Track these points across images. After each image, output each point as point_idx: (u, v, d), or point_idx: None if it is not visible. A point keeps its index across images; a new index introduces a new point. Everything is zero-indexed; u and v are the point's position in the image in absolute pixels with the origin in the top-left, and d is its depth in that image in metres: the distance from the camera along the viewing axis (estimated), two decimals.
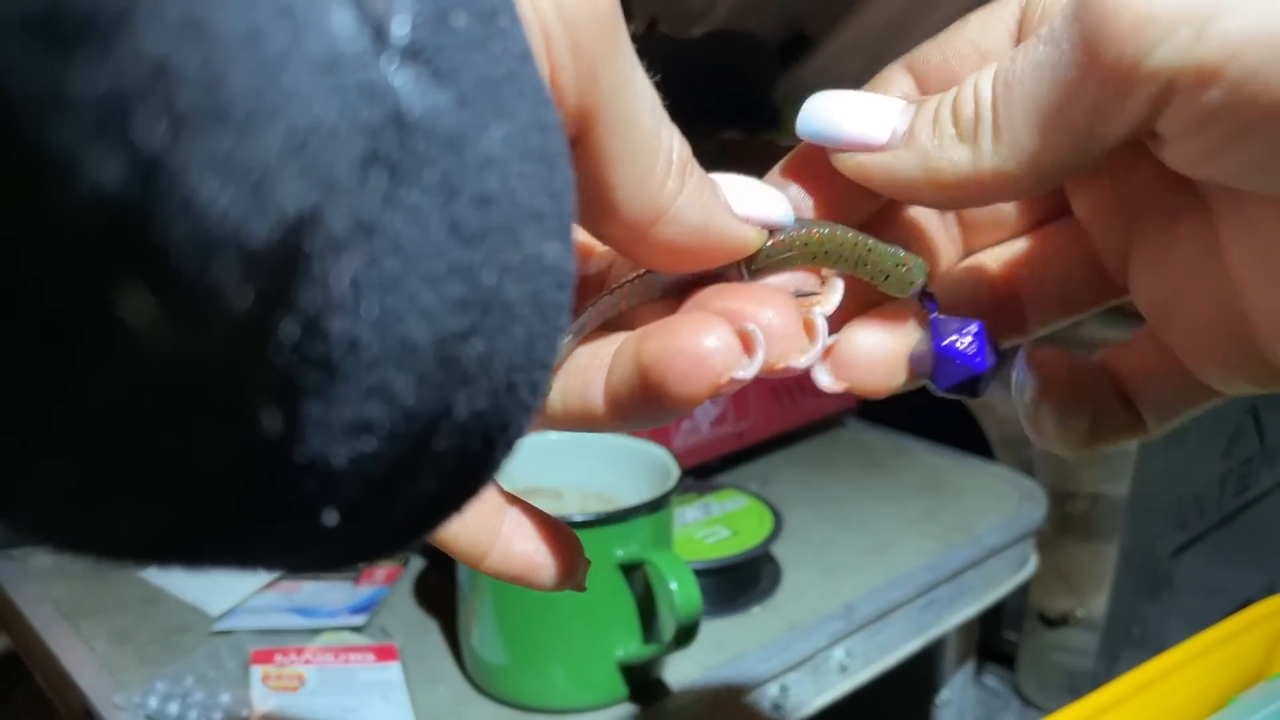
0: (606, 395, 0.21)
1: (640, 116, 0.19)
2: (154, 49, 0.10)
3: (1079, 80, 0.19)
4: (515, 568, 0.23)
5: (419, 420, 0.14)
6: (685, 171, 0.20)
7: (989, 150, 0.21)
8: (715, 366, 0.19)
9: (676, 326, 0.20)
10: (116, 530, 0.13)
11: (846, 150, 0.23)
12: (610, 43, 0.18)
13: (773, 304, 0.21)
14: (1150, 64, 0.18)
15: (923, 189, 0.22)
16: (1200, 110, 0.18)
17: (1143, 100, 0.18)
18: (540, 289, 0.15)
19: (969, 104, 0.21)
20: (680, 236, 0.20)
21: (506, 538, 0.23)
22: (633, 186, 0.19)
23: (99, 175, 0.10)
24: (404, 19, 0.13)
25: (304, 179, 0.11)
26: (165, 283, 0.11)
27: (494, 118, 0.14)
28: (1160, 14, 0.18)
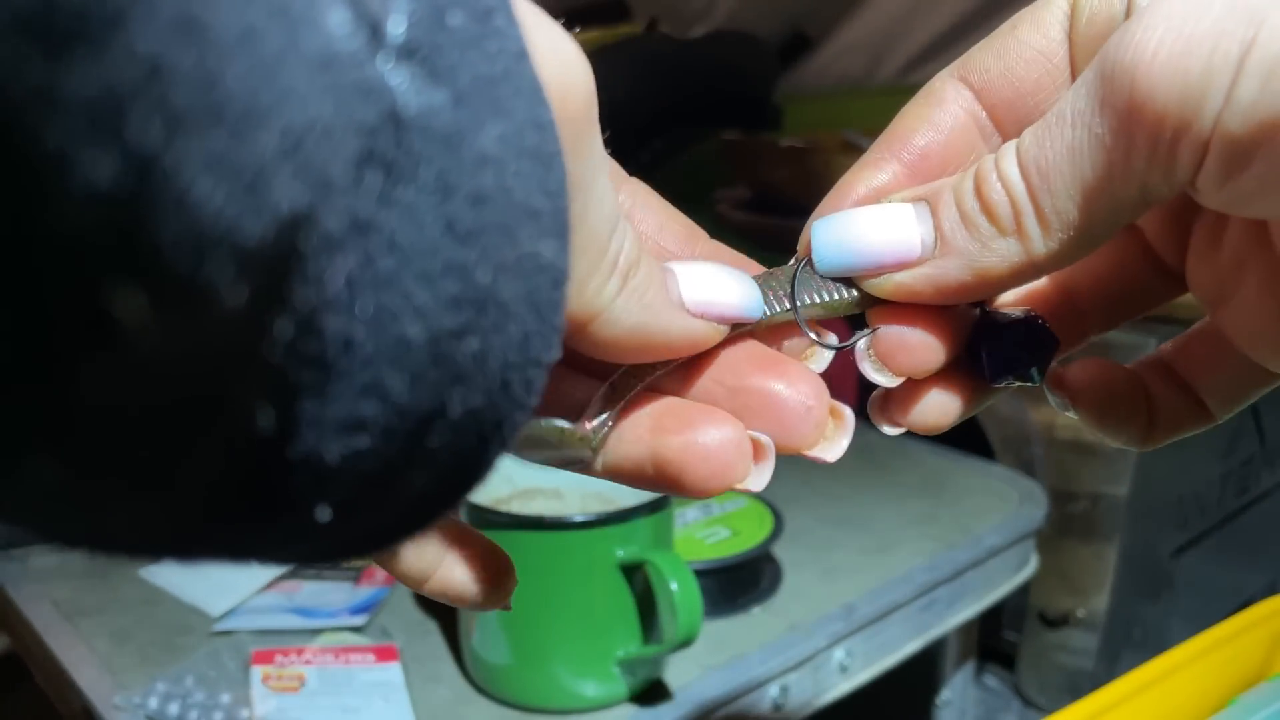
0: (606, 467, 0.22)
1: (591, 218, 0.18)
2: (148, 49, 0.10)
3: (1122, 156, 0.19)
4: (455, 591, 0.24)
5: (413, 418, 0.14)
6: (628, 274, 0.20)
7: (1038, 238, 0.21)
8: (733, 476, 0.20)
9: (695, 423, 0.21)
10: (110, 525, 0.13)
11: (880, 274, 0.22)
12: (574, 148, 0.17)
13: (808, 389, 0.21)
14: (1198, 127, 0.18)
15: (975, 288, 0.22)
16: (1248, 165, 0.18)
17: (1189, 164, 0.19)
18: (536, 287, 0.15)
19: (1000, 196, 0.21)
20: (617, 337, 0.20)
21: (449, 564, 0.24)
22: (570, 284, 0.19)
23: (93, 174, 0.10)
24: (399, 18, 0.13)
25: (299, 178, 0.11)
26: (159, 281, 0.11)
27: (490, 116, 0.14)
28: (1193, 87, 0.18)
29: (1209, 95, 0.18)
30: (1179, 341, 0.26)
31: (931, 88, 0.24)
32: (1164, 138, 0.18)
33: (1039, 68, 0.23)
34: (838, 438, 0.21)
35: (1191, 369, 0.25)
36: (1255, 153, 0.18)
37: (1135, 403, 0.25)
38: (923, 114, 0.24)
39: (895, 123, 0.24)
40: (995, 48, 0.23)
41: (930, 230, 0.22)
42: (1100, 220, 0.20)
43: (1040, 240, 0.21)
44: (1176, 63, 0.18)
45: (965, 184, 0.21)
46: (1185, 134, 0.18)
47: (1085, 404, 0.25)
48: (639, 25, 1.15)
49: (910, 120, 0.24)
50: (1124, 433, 0.26)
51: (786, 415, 0.21)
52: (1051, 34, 0.23)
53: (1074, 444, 0.85)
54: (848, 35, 1.24)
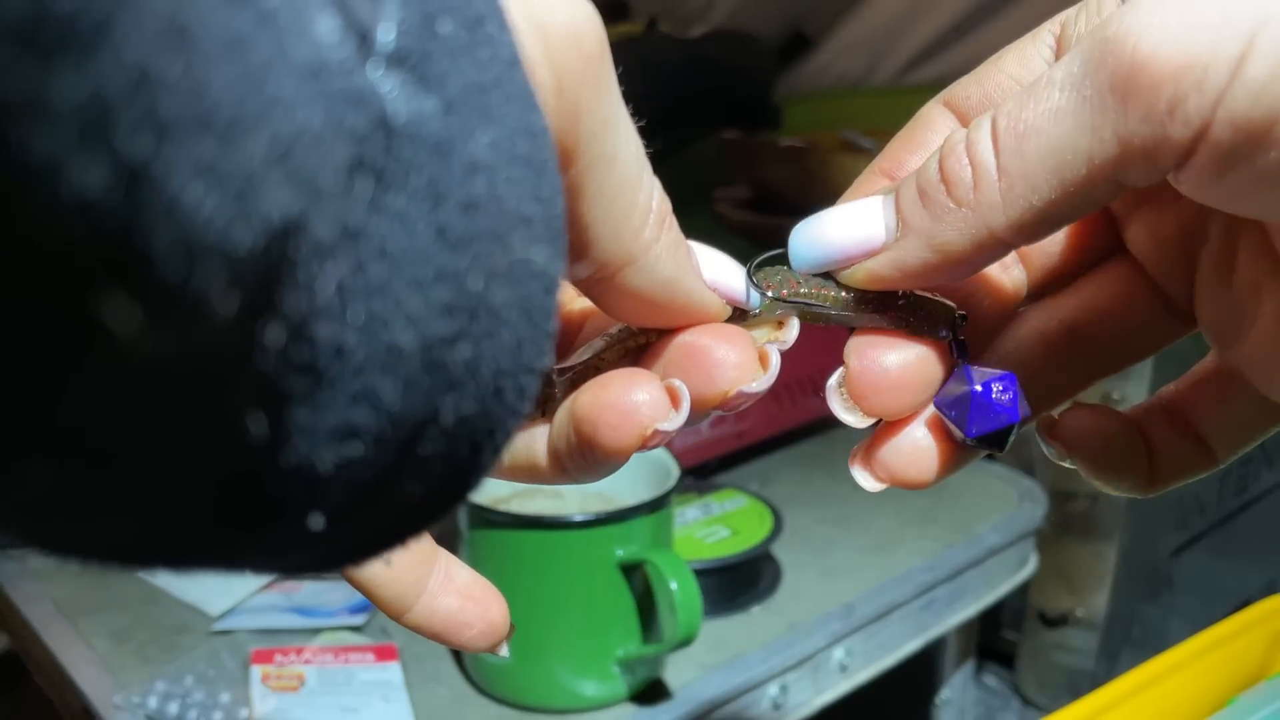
0: (549, 449, 0.22)
1: (622, 159, 0.19)
2: (135, 56, 0.10)
3: (1108, 124, 0.18)
4: (437, 624, 0.23)
5: (405, 425, 0.14)
6: (664, 223, 0.20)
7: (996, 207, 0.20)
8: (641, 419, 0.20)
9: (608, 381, 0.21)
10: (102, 535, 0.13)
11: (850, 265, 0.22)
12: (595, 84, 0.18)
13: (726, 338, 0.21)
14: (1198, 102, 0.18)
15: (939, 268, 0.21)
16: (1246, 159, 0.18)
17: (1181, 143, 0.18)
18: (528, 294, 0.15)
19: (962, 166, 0.20)
20: (648, 287, 0.20)
21: (432, 592, 0.23)
22: (607, 226, 0.19)
23: (82, 182, 0.10)
24: (389, 25, 0.13)
25: (289, 186, 0.11)
26: (149, 289, 0.11)
27: (481, 123, 0.14)
28: (1198, 58, 0.17)
29: (1215, 68, 0.17)
30: (1181, 384, 0.25)
31: (920, 114, 0.24)
32: (1158, 108, 0.18)
33: None
34: (764, 374, 0.21)
35: (1195, 412, 0.25)
36: (1259, 140, 0.18)
37: (1134, 450, 0.25)
38: (913, 137, 0.24)
39: (888, 148, 0.25)
40: (979, 76, 0.24)
41: (894, 216, 0.21)
42: (1069, 195, 0.19)
43: (999, 210, 0.20)
44: (1184, 31, 0.17)
45: (930, 161, 0.21)
46: (1182, 107, 0.18)
47: (1082, 454, 0.25)
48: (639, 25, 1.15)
49: (901, 144, 0.24)
50: (1124, 481, 0.25)
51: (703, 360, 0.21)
52: (1032, 65, 0.23)
53: None
54: (847, 35, 1.24)
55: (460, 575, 0.24)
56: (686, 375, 0.21)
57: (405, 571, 0.23)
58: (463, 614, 0.24)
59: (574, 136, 0.18)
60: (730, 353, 0.21)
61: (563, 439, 0.21)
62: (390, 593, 0.23)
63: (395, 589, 0.23)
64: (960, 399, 0.23)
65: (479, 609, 0.24)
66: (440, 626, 0.23)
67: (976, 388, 0.23)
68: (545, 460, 0.22)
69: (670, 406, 0.20)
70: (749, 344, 0.21)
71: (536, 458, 0.22)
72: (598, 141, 0.18)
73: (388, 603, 0.23)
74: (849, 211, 0.22)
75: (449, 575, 0.24)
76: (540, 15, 0.17)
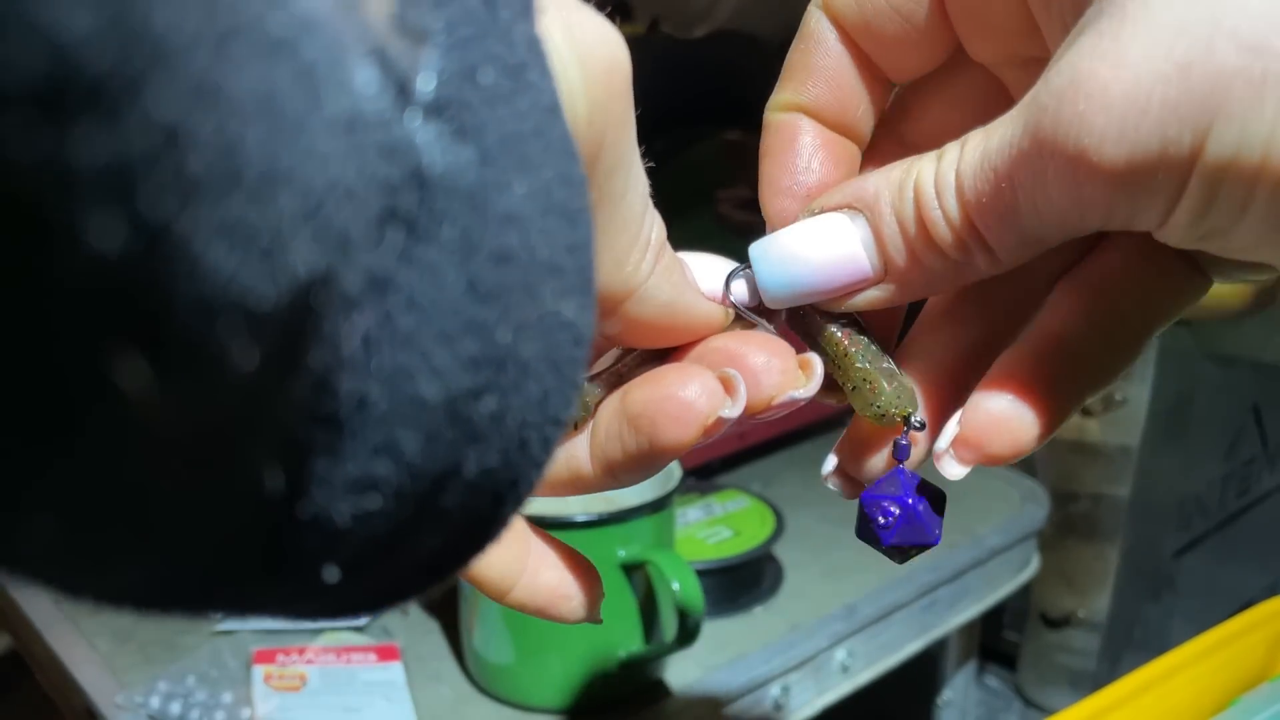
0: (594, 453, 0.21)
1: (630, 198, 0.19)
2: (165, 117, 0.09)
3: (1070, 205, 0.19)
4: (540, 599, 0.23)
5: (426, 478, 0.14)
6: (659, 253, 0.20)
7: (982, 259, 0.21)
8: (702, 408, 0.20)
9: (661, 376, 0.21)
10: (115, 582, 0.13)
11: (833, 297, 0.22)
12: (621, 119, 0.18)
13: (768, 346, 0.22)
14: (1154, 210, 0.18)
15: (928, 294, 0.22)
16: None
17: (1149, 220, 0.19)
18: (556, 345, 0.15)
19: (943, 230, 0.21)
20: (649, 313, 0.21)
21: (533, 569, 0.23)
22: (609, 262, 0.19)
23: (99, 244, 0.10)
24: (429, 75, 0.13)
25: (317, 241, 0.11)
26: (166, 346, 0.10)
27: (517, 173, 0.14)
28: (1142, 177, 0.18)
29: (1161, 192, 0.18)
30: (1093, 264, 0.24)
31: (805, 31, 0.24)
32: (1118, 204, 0.18)
33: (896, 23, 0.23)
34: (809, 382, 0.22)
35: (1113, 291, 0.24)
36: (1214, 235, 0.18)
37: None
38: (810, 62, 0.24)
39: (788, 71, 0.25)
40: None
41: (873, 246, 0.22)
42: (1052, 241, 0.20)
43: (986, 262, 0.21)
44: (1128, 158, 0.18)
45: (906, 210, 0.21)
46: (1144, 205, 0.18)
47: None
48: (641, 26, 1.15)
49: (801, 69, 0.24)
50: None
51: (745, 366, 0.21)
52: None
53: (1075, 445, 0.85)
54: None
55: (557, 549, 0.24)
56: None
57: (506, 549, 0.23)
58: (564, 585, 0.23)
59: (591, 169, 0.17)
60: (774, 359, 0.21)
61: (615, 441, 0.21)
62: (495, 573, 0.23)
63: (499, 569, 0.23)
64: (891, 506, 0.23)
65: (580, 579, 0.23)
66: (545, 600, 0.23)
67: (913, 500, 0.23)
68: (590, 467, 0.22)
69: (726, 394, 0.20)
70: (789, 351, 0.22)
71: (579, 466, 0.22)
72: (613, 177, 0.18)
73: (492, 583, 0.23)
74: (820, 234, 0.22)
75: (545, 551, 0.23)
76: (582, 44, 0.16)
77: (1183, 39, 0.17)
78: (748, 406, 0.21)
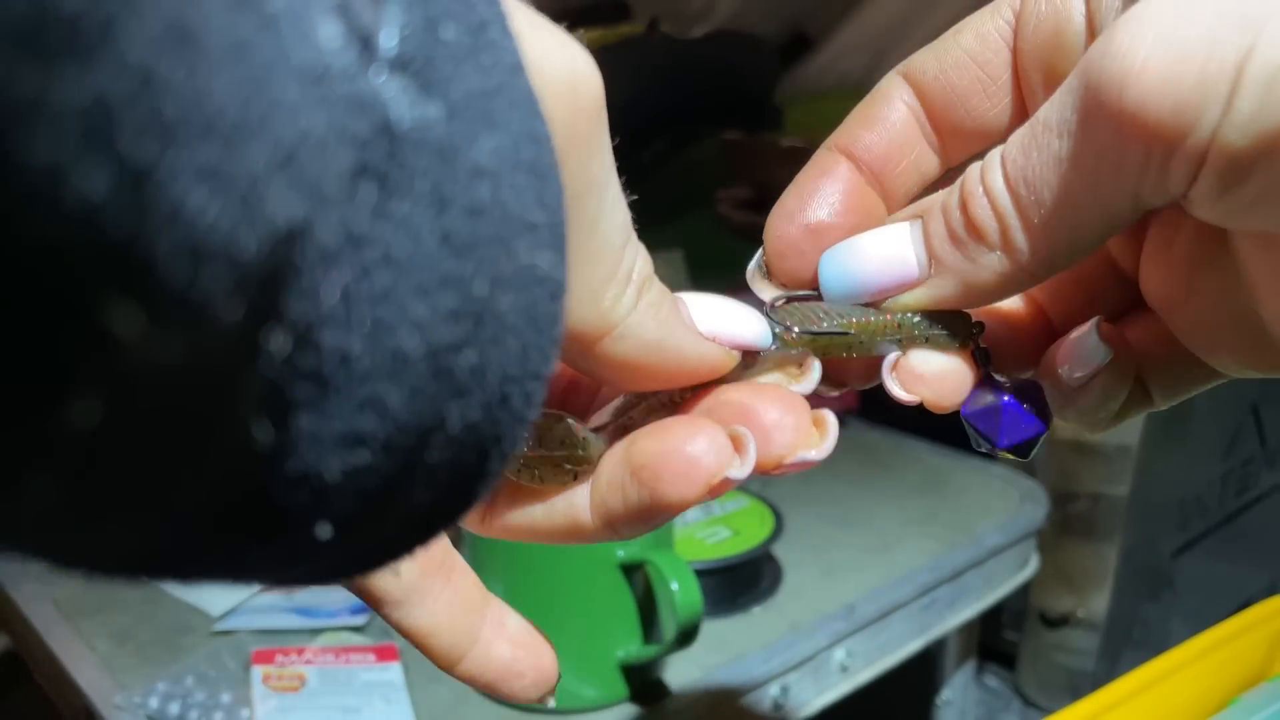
0: (595, 503, 0.21)
1: (604, 226, 0.18)
2: (139, 59, 0.10)
3: (1111, 168, 0.19)
4: (491, 673, 0.23)
5: (412, 432, 0.14)
6: (642, 288, 0.19)
7: (1025, 250, 0.21)
8: (709, 466, 0.19)
9: (669, 428, 0.20)
10: (108, 547, 0.13)
11: (884, 298, 0.23)
12: (587, 139, 0.17)
13: (783, 402, 0.21)
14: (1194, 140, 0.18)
15: (972, 300, 0.22)
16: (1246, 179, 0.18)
17: (1183, 177, 0.18)
18: (534, 299, 0.15)
19: (986, 213, 0.21)
20: (632, 353, 0.20)
21: (486, 641, 0.23)
22: (583, 294, 0.18)
23: (86, 187, 0.10)
24: (392, 30, 0.13)
25: (293, 190, 0.11)
26: (154, 295, 0.11)
27: (484, 129, 0.14)
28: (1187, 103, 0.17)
29: (1206, 108, 0.17)
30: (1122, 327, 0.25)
31: (879, 87, 0.25)
32: (1156, 150, 0.18)
33: (971, 74, 0.23)
34: (822, 442, 0.21)
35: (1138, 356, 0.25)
36: (1255, 165, 0.18)
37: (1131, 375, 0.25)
38: (870, 113, 0.25)
39: (846, 122, 0.25)
40: (937, 49, 0.24)
41: (924, 251, 0.22)
42: (1091, 230, 0.20)
43: (1028, 252, 0.21)
44: (1169, 72, 0.17)
45: (951, 199, 0.21)
46: (1180, 147, 0.18)
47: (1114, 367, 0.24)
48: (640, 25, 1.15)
49: (859, 119, 0.25)
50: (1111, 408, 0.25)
51: (756, 422, 0.20)
52: (990, 42, 0.23)
53: (1075, 444, 0.85)
54: (848, 35, 1.24)
55: (511, 622, 0.23)
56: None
57: (458, 620, 0.22)
58: (516, 663, 0.23)
59: None
60: (786, 416, 0.20)
61: (616, 493, 0.20)
62: (445, 642, 0.22)
63: (450, 638, 0.22)
64: (989, 410, 0.23)
65: (531, 656, 0.23)
66: (494, 676, 0.23)
67: (1005, 399, 0.23)
68: (590, 519, 0.21)
69: (735, 453, 0.20)
70: (804, 408, 0.21)
71: (579, 517, 0.21)
72: (582, 202, 0.18)
73: (441, 653, 0.22)
74: (881, 242, 0.22)
75: (501, 623, 0.23)
76: (538, 60, 0.16)
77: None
78: (758, 465, 0.20)
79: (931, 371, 0.23)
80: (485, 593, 0.23)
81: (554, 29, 0.17)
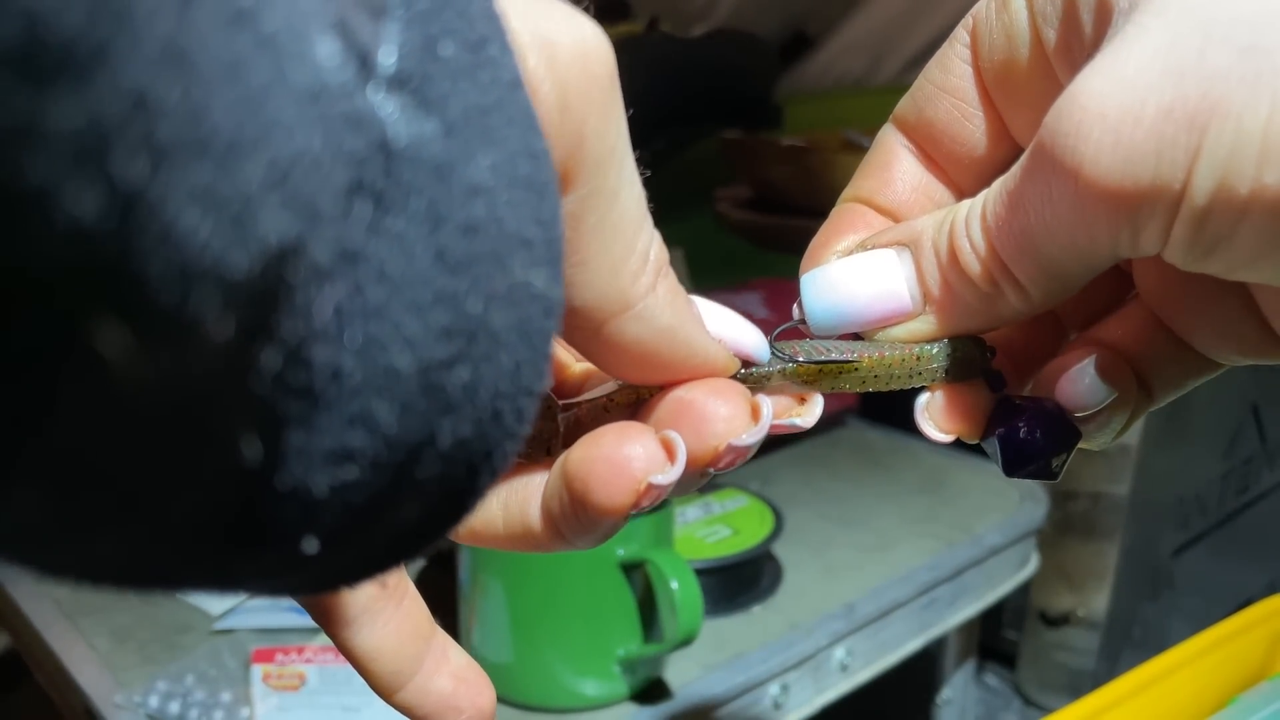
0: (542, 511, 0.21)
1: (625, 197, 0.18)
2: (133, 81, 0.10)
3: (1084, 231, 0.19)
4: (429, 705, 0.23)
5: (402, 449, 0.14)
6: (660, 272, 0.19)
7: (1014, 296, 0.21)
8: (634, 473, 0.19)
9: (600, 436, 0.20)
10: (95, 559, 0.13)
11: (877, 329, 0.23)
12: (602, 108, 0.17)
13: (716, 391, 0.21)
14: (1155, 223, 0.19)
15: (967, 329, 0.23)
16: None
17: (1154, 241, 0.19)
18: (527, 316, 0.15)
19: (972, 262, 0.21)
20: (646, 336, 0.19)
21: (427, 672, 0.23)
22: (604, 265, 0.18)
23: (76, 208, 0.10)
24: (390, 48, 0.13)
25: (286, 209, 0.11)
26: (143, 314, 0.10)
27: (481, 146, 0.14)
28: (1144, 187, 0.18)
29: (1160, 204, 0.18)
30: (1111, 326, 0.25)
31: (877, 140, 0.25)
32: (1120, 223, 0.19)
33: (945, 105, 0.24)
34: (754, 428, 0.21)
35: (1133, 353, 0.25)
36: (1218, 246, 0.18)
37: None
38: (876, 167, 0.25)
39: (856, 178, 0.26)
40: (913, 90, 0.25)
41: (914, 281, 0.23)
42: (1076, 275, 0.21)
43: (1017, 297, 0.21)
44: (1123, 170, 0.18)
45: (941, 241, 0.22)
46: (1144, 223, 0.19)
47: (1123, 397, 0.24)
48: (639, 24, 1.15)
49: (867, 174, 0.25)
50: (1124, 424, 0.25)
51: (692, 414, 0.20)
52: (954, 69, 0.24)
53: None
54: (848, 35, 1.24)
55: (455, 657, 0.23)
56: (677, 430, 0.20)
57: (404, 646, 0.22)
58: (455, 697, 0.23)
59: (576, 160, 0.17)
60: (721, 405, 0.20)
61: (555, 499, 0.20)
62: (388, 668, 0.22)
63: (393, 665, 0.22)
64: (996, 438, 0.23)
65: (471, 693, 0.23)
66: (431, 708, 0.23)
67: (1002, 431, 0.23)
68: (540, 524, 0.21)
69: (665, 459, 0.20)
70: (741, 396, 0.21)
71: (531, 523, 0.21)
72: (601, 171, 0.18)
73: (383, 679, 0.22)
74: (867, 268, 0.23)
75: (444, 655, 0.23)
76: (548, 32, 0.16)
77: (1175, 49, 0.18)
78: (694, 458, 0.20)
79: (961, 408, 0.24)
80: (432, 623, 0.23)
81: (560, 5, 0.17)
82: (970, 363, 0.23)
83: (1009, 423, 0.23)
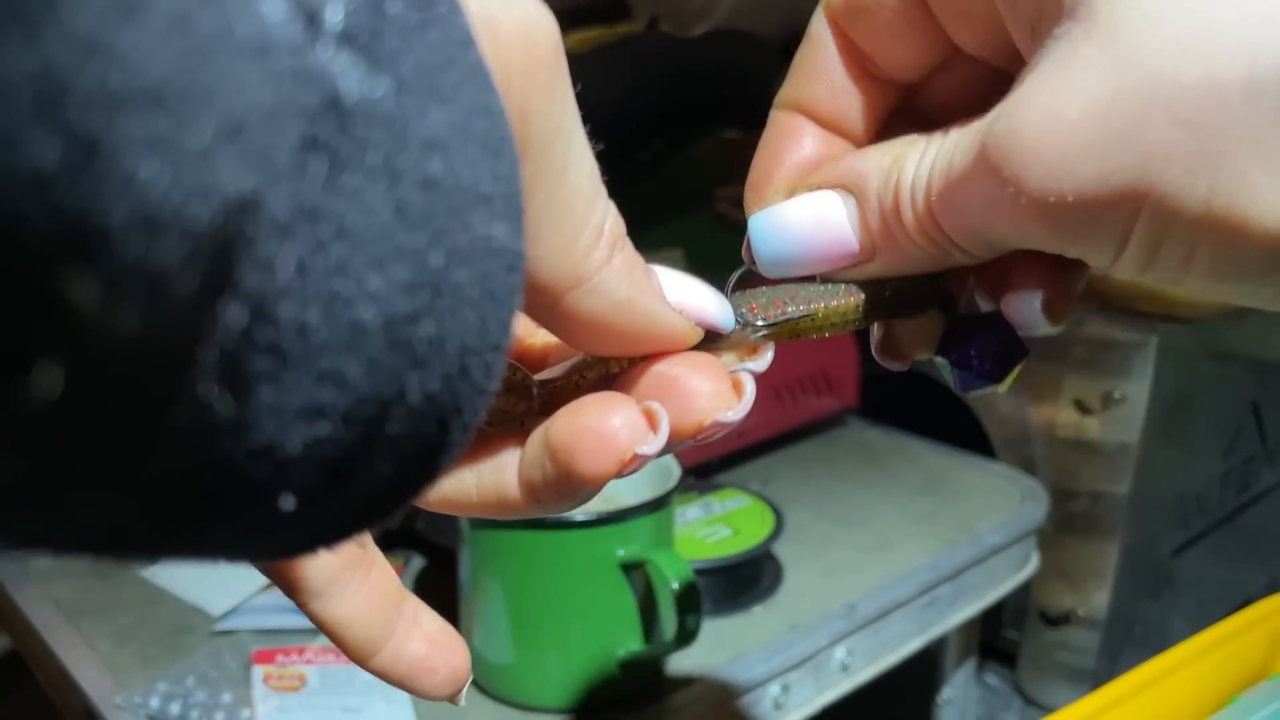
0: (521, 480, 0.21)
1: (573, 174, 0.18)
2: (84, 28, 0.10)
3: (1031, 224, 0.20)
4: (403, 668, 0.23)
5: (372, 404, 0.14)
6: (615, 245, 0.19)
7: (957, 253, 0.22)
8: (619, 443, 0.20)
9: (584, 406, 0.20)
10: (70, 524, 0.13)
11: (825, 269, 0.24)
12: (547, 87, 0.17)
13: (699, 367, 0.21)
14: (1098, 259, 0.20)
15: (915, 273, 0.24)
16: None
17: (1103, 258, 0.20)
18: (490, 271, 0.15)
19: (913, 223, 0.22)
20: (602, 309, 0.20)
21: (400, 637, 0.23)
22: (555, 241, 0.19)
23: (38, 156, 0.10)
24: (337, 6, 0.13)
25: (242, 162, 0.11)
26: (111, 265, 0.11)
27: (434, 102, 0.14)
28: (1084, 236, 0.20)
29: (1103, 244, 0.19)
30: None
31: (811, 35, 0.26)
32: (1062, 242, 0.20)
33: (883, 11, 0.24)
34: (737, 404, 0.21)
35: None
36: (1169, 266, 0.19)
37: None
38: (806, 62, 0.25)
39: (790, 79, 0.26)
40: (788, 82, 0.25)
41: (860, 226, 0.23)
42: (1013, 243, 0.21)
43: (961, 254, 0.22)
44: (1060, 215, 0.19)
45: (886, 197, 0.23)
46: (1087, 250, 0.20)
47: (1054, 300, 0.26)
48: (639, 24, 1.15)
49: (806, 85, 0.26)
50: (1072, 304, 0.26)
51: (677, 390, 0.21)
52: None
53: (1075, 442, 0.85)
54: None
55: (427, 621, 0.24)
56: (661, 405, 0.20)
57: (375, 614, 0.23)
58: (429, 659, 0.23)
59: (521, 138, 0.17)
60: (704, 382, 0.21)
61: (537, 467, 0.21)
62: (359, 635, 0.23)
63: (365, 632, 0.23)
64: (950, 362, 0.24)
65: (444, 655, 0.23)
66: (405, 671, 0.23)
67: (955, 355, 0.24)
68: (517, 492, 0.21)
69: (649, 430, 0.20)
70: (723, 373, 0.21)
71: (507, 491, 0.21)
72: (547, 149, 0.18)
73: (356, 645, 0.23)
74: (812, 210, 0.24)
75: (416, 620, 0.23)
76: (490, 12, 0.17)
77: (1117, 108, 0.18)
78: (676, 432, 0.20)
79: (915, 335, 0.25)
80: (402, 589, 0.24)
81: None
82: (922, 296, 0.24)
83: (961, 348, 0.24)
